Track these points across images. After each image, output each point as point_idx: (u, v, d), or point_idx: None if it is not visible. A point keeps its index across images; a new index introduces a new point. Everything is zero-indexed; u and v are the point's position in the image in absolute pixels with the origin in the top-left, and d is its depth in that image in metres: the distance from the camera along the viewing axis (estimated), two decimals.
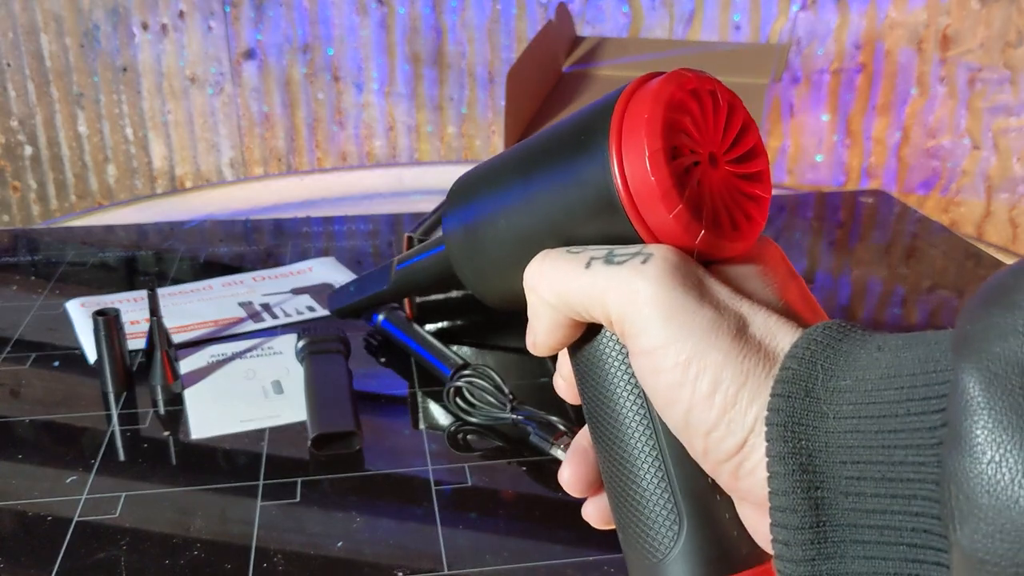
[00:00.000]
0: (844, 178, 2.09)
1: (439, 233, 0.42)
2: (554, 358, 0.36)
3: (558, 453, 0.69)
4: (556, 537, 0.61)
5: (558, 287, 0.31)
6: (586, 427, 0.35)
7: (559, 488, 0.66)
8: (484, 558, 0.59)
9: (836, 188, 2.07)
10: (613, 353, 0.32)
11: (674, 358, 0.28)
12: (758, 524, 0.29)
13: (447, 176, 2.04)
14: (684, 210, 0.29)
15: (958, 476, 0.22)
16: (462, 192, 0.37)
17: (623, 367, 0.31)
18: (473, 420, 0.73)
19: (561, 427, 0.70)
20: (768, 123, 2.03)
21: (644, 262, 0.29)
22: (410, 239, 0.83)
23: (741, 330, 0.28)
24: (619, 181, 0.29)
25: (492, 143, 2.12)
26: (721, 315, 0.28)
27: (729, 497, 0.30)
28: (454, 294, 0.85)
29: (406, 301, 0.86)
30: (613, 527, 0.34)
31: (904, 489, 0.24)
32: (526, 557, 0.59)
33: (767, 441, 0.27)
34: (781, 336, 0.29)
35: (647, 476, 0.31)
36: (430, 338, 0.82)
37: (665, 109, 0.30)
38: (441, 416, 0.75)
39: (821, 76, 2.03)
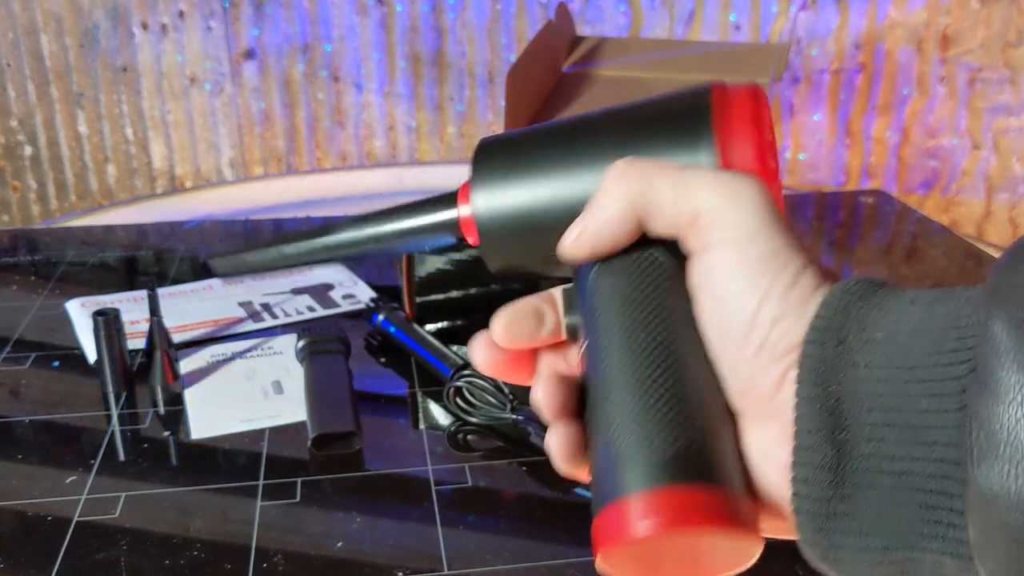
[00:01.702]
0: (844, 178, 2.09)
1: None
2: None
3: None
4: (556, 537, 0.61)
5: (650, 177, 0.31)
6: (572, 352, 0.34)
7: (559, 488, 0.66)
8: (484, 558, 0.59)
9: (836, 188, 2.07)
10: (653, 266, 0.32)
11: (760, 251, 0.29)
12: (772, 450, 0.29)
13: (447, 176, 2.04)
14: (768, 158, 0.33)
15: (980, 415, 0.23)
16: (501, 139, 0.37)
17: (659, 279, 0.32)
18: (473, 420, 0.73)
19: None
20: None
21: (744, 176, 0.30)
22: None
23: (814, 259, 0.30)
24: (715, 118, 0.33)
25: None
26: (800, 243, 0.30)
27: (722, 433, 0.29)
28: (454, 294, 0.85)
29: (406, 301, 0.86)
30: (568, 463, 0.32)
31: (926, 435, 0.25)
32: (526, 557, 0.59)
33: (797, 383, 0.27)
34: (821, 293, 0.30)
35: (662, 385, 0.29)
36: (430, 338, 0.82)
37: (764, 109, 0.33)
38: (441, 416, 0.75)
39: (821, 76, 2.03)
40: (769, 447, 0.29)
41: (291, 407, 0.76)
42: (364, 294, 0.96)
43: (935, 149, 2.03)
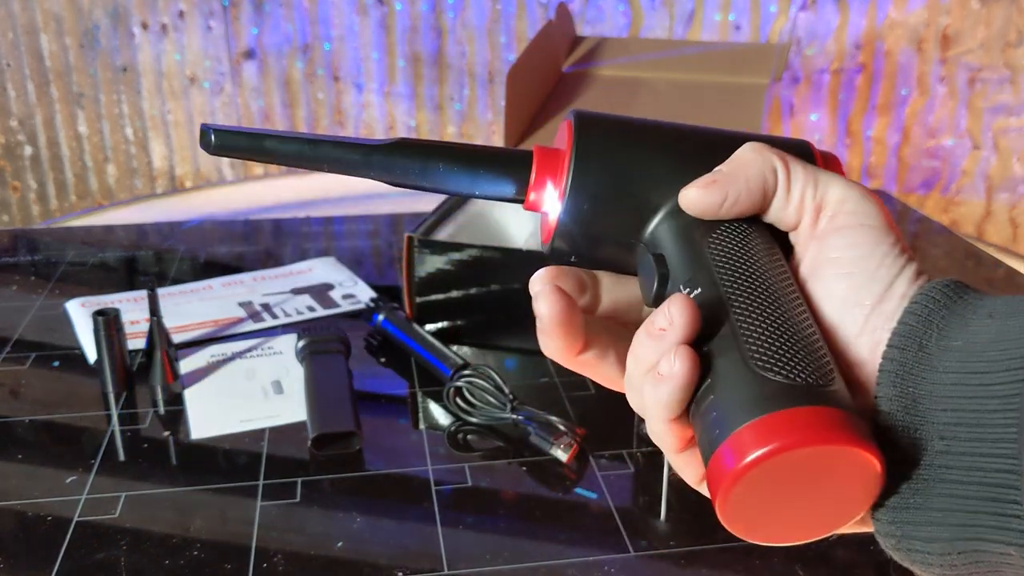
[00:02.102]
0: None
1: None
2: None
3: (558, 453, 0.69)
4: (556, 537, 0.61)
5: (787, 158, 0.34)
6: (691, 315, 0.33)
7: (559, 488, 0.66)
8: (484, 558, 0.59)
9: None
10: (759, 235, 0.34)
11: (884, 238, 0.32)
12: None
13: None
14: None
15: None
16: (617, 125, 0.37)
17: (770, 244, 0.34)
18: (473, 420, 0.73)
19: (561, 427, 0.70)
20: (768, 123, 2.03)
21: (827, 180, 0.34)
22: (410, 239, 0.83)
23: (910, 258, 0.33)
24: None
25: (492, 143, 2.12)
26: (901, 243, 0.33)
27: (826, 369, 0.31)
28: (454, 294, 0.85)
29: (406, 301, 0.86)
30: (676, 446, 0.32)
31: (992, 433, 0.27)
32: (526, 557, 0.59)
33: (878, 384, 0.30)
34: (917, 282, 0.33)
35: (791, 321, 0.31)
36: (430, 338, 0.82)
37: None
38: (441, 416, 0.75)
39: (821, 76, 2.03)
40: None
41: (291, 407, 0.76)
42: (364, 294, 0.96)
43: (935, 149, 2.03)
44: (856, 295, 0.32)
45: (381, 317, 0.85)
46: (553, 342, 0.34)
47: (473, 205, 0.94)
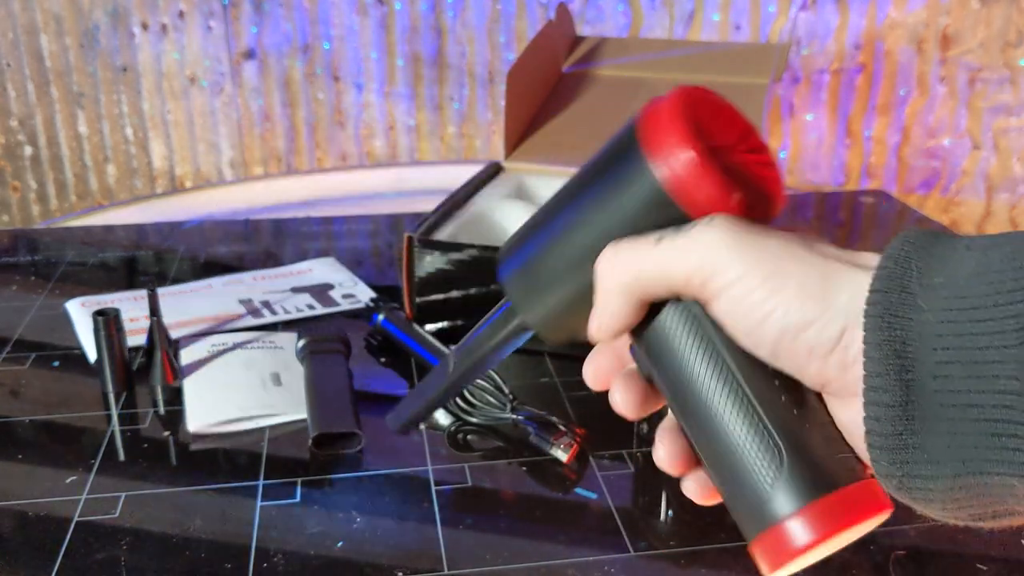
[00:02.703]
0: (844, 178, 2.09)
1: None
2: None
3: (558, 453, 0.69)
4: (556, 537, 0.61)
5: (633, 266, 0.34)
6: (668, 409, 0.37)
7: (559, 488, 0.66)
8: (484, 558, 0.59)
9: (836, 188, 2.07)
10: (680, 322, 0.35)
11: (758, 278, 0.31)
12: (857, 418, 0.31)
13: (447, 176, 2.04)
14: (724, 185, 0.33)
15: None
16: (511, 244, 0.40)
17: (692, 331, 0.34)
18: (473, 420, 0.73)
19: (561, 427, 0.70)
20: (768, 123, 2.03)
21: (709, 223, 0.32)
22: (410, 239, 0.83)
23: (811, 247, 0.32)
24: (664, 178, 0.34)
25: (492, 143, 2.12)
26: (788, 239, 0.32)
27: (820, 424, 0.32)
28: (454, 294, 0.85)
29: (406, 301, 0.86)
30: (714, 500, 0.36)
31: (988, 370, 0.27)
32: (526, 557, 0.59)
33: (865, 331, 0.30)
34: (852, 253, 0.32)
35: (739, 423, 0.33)
36: (430, 338, 0.82)
37: (683, 106, 0.34)
38: (441, 416, 0.75)
39: (821, 76, 2.03)
40: (855, 416, 0.31)
41: (288, 401, 0.75)
42: (364, 294, 0.96)
43: (935, 149, 2.03)
44: (779, 333, 0.31)
45: (381, 317, 0.85)
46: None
47: (473, 205, 0.94)
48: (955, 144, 2.01)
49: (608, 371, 0.39)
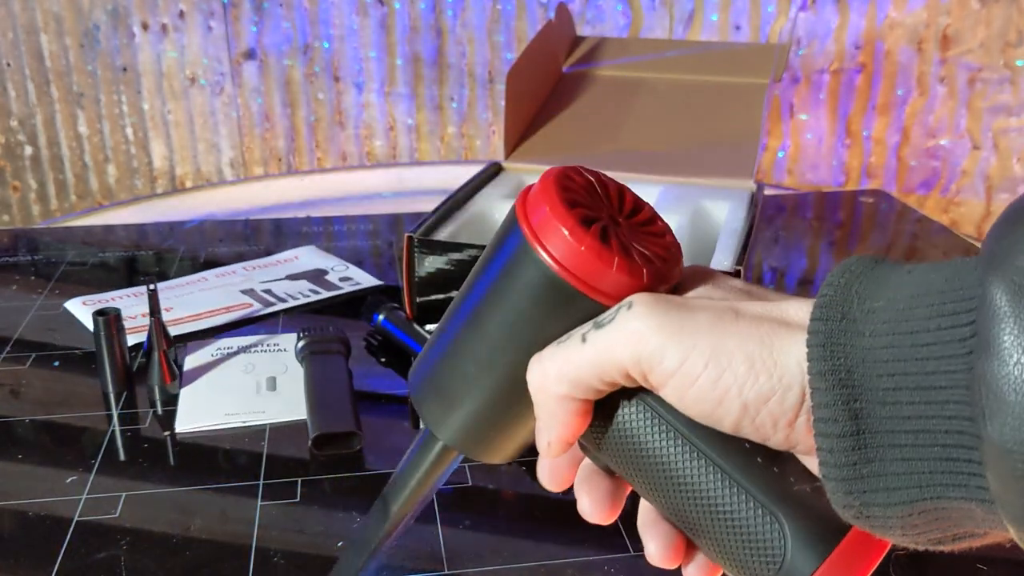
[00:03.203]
0: (844, 178, 2.09)
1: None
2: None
3: None
4: (556, 537, 0.61)
5: (566, 371, 0.32)
6: (644, 503, 0.36)
7: None
8: (484, 558, 0.59)
9: (836, 188, 2.07)
10: (633, 412, 0.33)
11: (701, 361, 0.30)
12: None
13: (447, 176, 2.04)
14: (620, 260, 0.32)
15: (987, 378, 0.25)
16: (419, 361, 0.39)
17: (648, 419, 0.33)
18: None
19: None
20: (768, 123, 2.03)
21: (629, 308, 0.31)
22: (410, 239, 0.83)
23: (739, 313, 0.31)
24: (556, 267, 0.32)
25: (492, 143, 2.12)
26: (715, 310, 0.31)
27: (802, 477, 0.32)
28: (454, 294, 0.85)
29: (406, 301, 0.86)
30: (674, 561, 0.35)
31: (937, 396, 0.27)
32: (526, 557, 0.59)
33: (808, 361, 0.29)
34: (779, 303, 0.32)
35: (730, 502, 0.32)
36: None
37: (557, 191, 0.33)
38: None
39: (821, 76, 2.03)
40: None
41: (279, 405, 0.76)
42: (360, 276, 0.98)
43: (935, 149, 2.03)
44: (737, 414, 0.30)
45: (381, 317, 0.85)
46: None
47: (473, 205, 0.94)
48: (955, 144, 2.01)
49: (565, 468, 0.37)
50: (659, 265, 0.33)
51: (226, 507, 0.64)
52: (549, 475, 0.38)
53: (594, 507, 0.36)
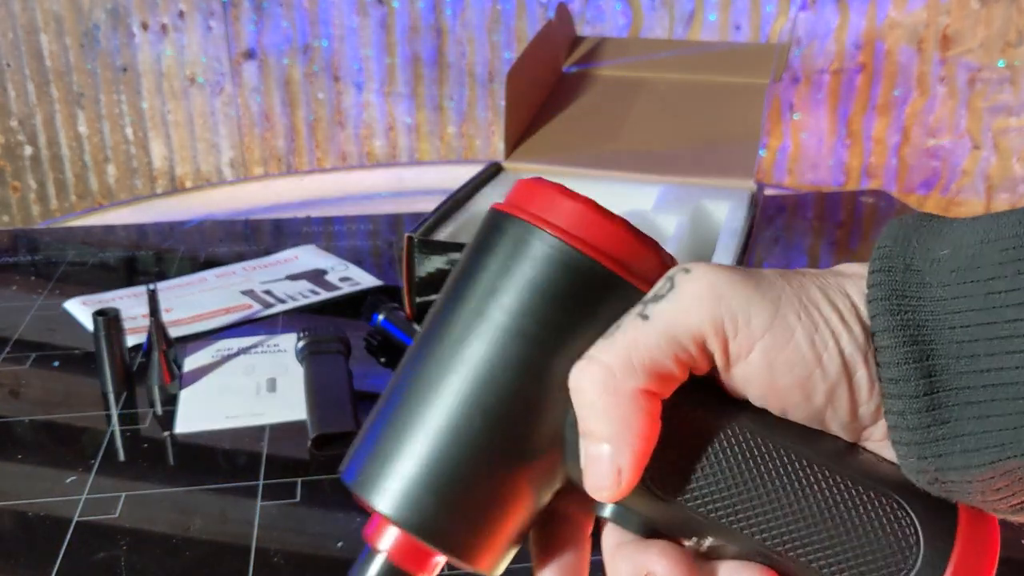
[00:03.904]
0: (844, 178, 2.09)
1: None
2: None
3: None
4: None
5: (637, 358, 0.27)
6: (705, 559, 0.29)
7: None
8: None
9: (836, 188, 2.07)
10: (704, 414, 0.28)
11: (792, 311, 0.26)
12: None
13: (447, 176, 2.04)
14: (649, 238, 0.29)
15: None
16: (367, 453, 0.29)
17: (724, 421, 0.28)
18: None
19: None
20: (768, 123, 2.03)
21: (687, 272, 0.27)
22: (410, 239, 0.83)
23: (796, 271, 0.28)
24: (590, 252, 0.27)
25: (492, 143, 2.12)
26: (775, 271, 0.28)
27: (878, 456, 0.28)
28: None
29: (406, 301, 0.86)
30: None
31: (1020, 345, 0.24)
32: (526, 557, 0.59)
33: (871, 317, 0.26)
34: (833, 268, 0.29)
35: (851, 504, 0.27)
36: None
37: (552, 184, 0.29)
38: None
39: (821, 76, 2.03)
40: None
41: (280, 406, 0.76)
42: (360, 276, 0.98)
43: (935, 149, 2.03)
44: (832, 381, 0.27)
45: (381, 317, 0.85)
46: None
47: (473, 205, 0.94)
48: (955, 144, 2.01)
49: (579, 559, 0.31)
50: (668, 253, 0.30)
51: (226, 507, 0.64)
52: (570, 572, 0.31)
53: (682, 572, 0.28)
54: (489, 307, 0.28)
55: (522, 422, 0.27)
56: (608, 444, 0.27)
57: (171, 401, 0.77)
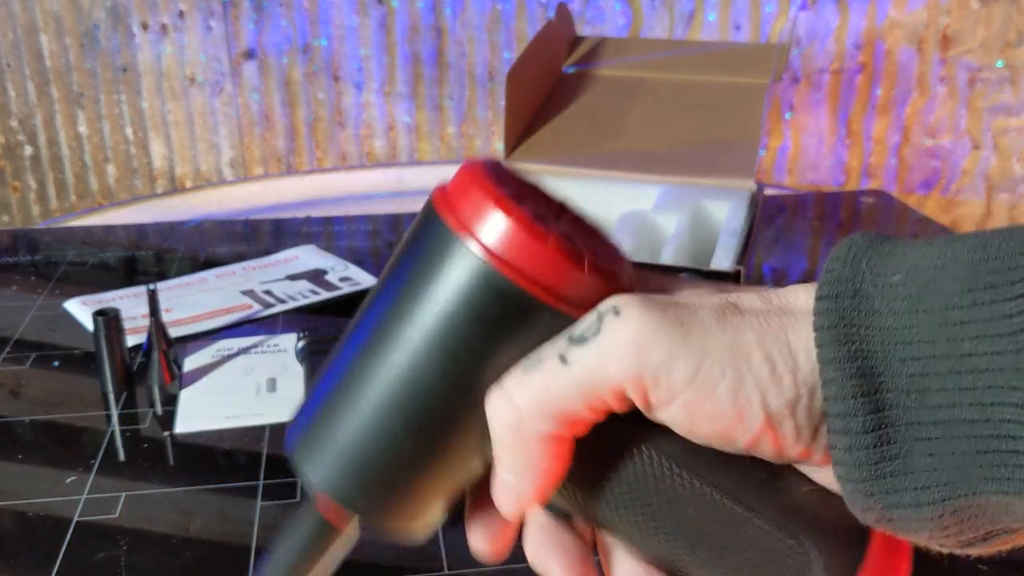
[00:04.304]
0: (844, 178, 2.09)
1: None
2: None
3: None
4: None
5: (548, 403, 0.26)
6: (616, 550, 0.30)
7: None
8: None
9: (836, 188, 2.07)
10: (617, 447, 0.28)
11: (718, 367, 0.25)
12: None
13: (447, 176, 2.04)
14: (590, 259, 0.26)
15: None
16: (304, 425, 0.30)
17: (639, 455, 0.28)
18: None
19: None
20: (768, 123, 2.03)
21: (616, 314, 0.26)
22: None
23: (741, 308, 0.26)
24: (513, 277, 0.26)
25: (492, 143, 2.12)
26: (714, 307, 0.26)
27: (800, 481, 0.28)
28: None
29: None
30: None
31: (975, 381, 0.23)
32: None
33: (818, 347, 0.25)
34: (776, 292, 0.27)
35: (742, 533, 0.27)
36: None
37: (497, 184, 0.27)
38: None
39: (821, 76, 2.03)
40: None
41: (280, 407, 0.76)
42: (361, 276, 0.98)
43: (935, 149, 2.03)
44: (781, 417, 0.26)
45: None
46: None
47: None
48: (955, 144, 2.01)
49: (511, 528, 0.32)
50: (616, 267, 0.28)
51: (226, 507, 0.64)
52: (495, 539, 0.32)
53: (573, 568, 0.30)
54: (412, 314, 0.27)
55: (441, 429, 0.28)
56: (511, 476, 0.28)
57: (171, 401, 0.77)
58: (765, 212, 1.21)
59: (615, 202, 0.94)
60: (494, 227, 0.26)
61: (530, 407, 0.26)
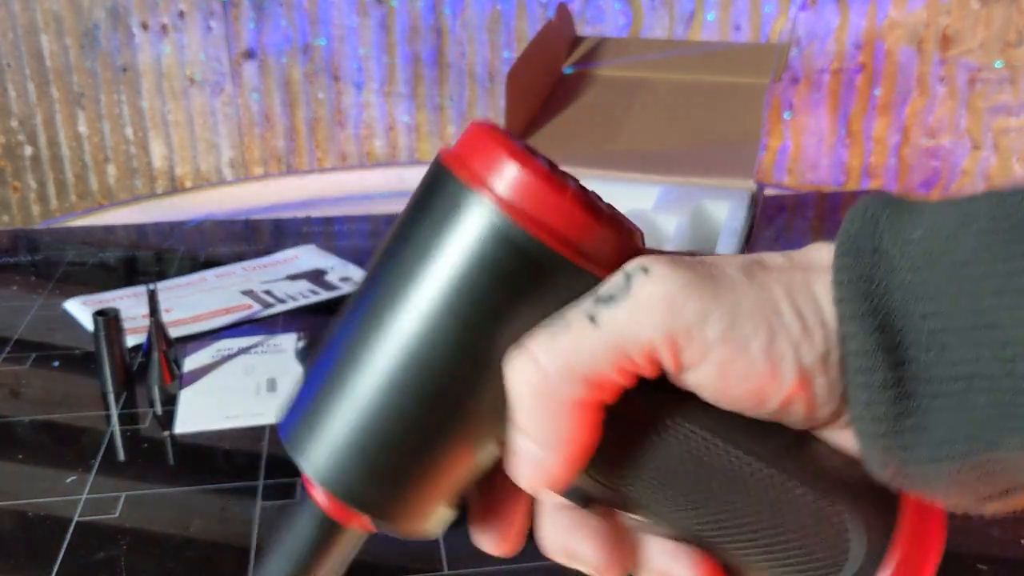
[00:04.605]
0: (844, 178, 2.09)
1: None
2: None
3: None
4: None
5: (577, 365, 0.25)
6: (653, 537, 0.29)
7: None
8: (484, 558, 0.59)
9: (836, 188, 2.07)
10: (651, 405, 0.27)
11: (750, 322, 0.25)
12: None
13: None
14: (611, 216, 0.26)
15: None
16: (299, 415, 0.28)
17: (670, 415, 0.27)
18: None
19: None
20: (768, 123, 2.03)
21: (645, 272, 0.25)
22: None
23: (765, 264, 0.26)
24: (535, 233, 0.24)
25: None
26: (740, 264, 0.26)
27: (826, 448, 0.28)
28: None
29: None
30: None
31: (995, 336, 0.23)
32: (526, 557, 0.59)
33: (837, 303, 0.25)
34: (796, 251, 0.27)
35: (780, 503, 0.26)
36: None
37: (512, 143, 0.25)
38: None
39: (821, 76, 2.03)
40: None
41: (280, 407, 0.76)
42: (360, 276, 0.98)
43: (935, 149, 2.03)
44: (813, 372, 0.25)
45: None
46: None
47: None
48: (955, 144, 2.01)
49: (524, 516, 0.31)
50: (631, 225, 0.27)
51: (226, 507, 0.64)
52: (509, 528, 0.31)
53: (606, 550, 0.29)
54: (422, 276, 0.25)
55: (455, 402, 0.26)
56: (536, 446, 0.26)
57: (171, 401, 0.77)
58: (765, 212, 1.21)
59: (615, 202, 0.94)
60: (511, 179, 0.24)
61: (559, 369, 0.25)
